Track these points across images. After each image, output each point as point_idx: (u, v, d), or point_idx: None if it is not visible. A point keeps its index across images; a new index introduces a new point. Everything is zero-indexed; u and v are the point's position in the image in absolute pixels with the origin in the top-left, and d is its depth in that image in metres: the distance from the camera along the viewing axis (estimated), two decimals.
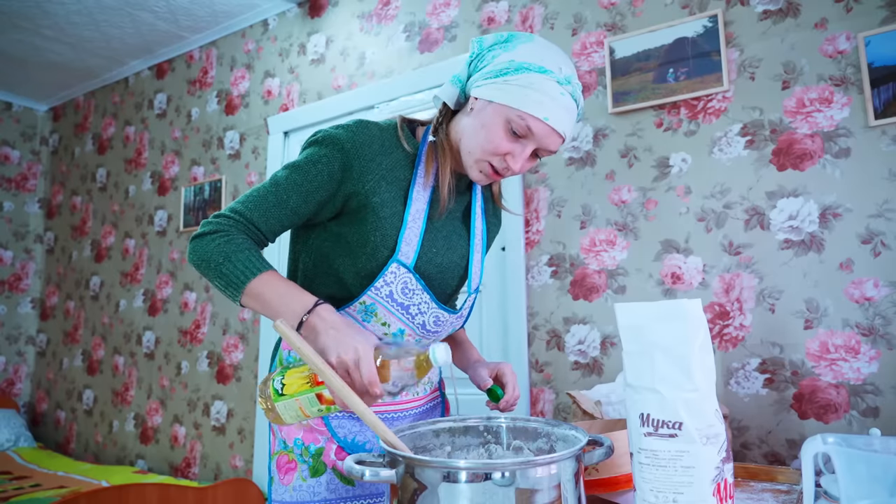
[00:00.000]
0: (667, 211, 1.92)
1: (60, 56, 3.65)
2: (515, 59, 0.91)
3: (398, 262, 0.96)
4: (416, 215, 0.99)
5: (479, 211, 1.12)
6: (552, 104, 0.90)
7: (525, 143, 0.93)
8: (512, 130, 0.92)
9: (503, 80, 0.91)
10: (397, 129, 1.02)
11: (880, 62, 1.62)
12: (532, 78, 0.90)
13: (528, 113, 0.90)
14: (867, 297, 1.59)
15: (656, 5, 1.99)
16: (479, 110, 0.95)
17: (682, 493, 0.71)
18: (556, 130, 0.92)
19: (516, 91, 0.90)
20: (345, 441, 1.02)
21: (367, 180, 0.96)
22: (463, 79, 0.99)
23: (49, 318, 4.19)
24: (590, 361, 2.00)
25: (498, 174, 0.97)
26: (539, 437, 0.89)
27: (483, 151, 0.95)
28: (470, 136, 0.96)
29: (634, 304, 0.77)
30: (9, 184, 4.24)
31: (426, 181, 1.00)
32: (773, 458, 1.67)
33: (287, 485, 1.01)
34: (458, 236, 1.08)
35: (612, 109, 2.02)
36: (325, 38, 2.89)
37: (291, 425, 1.01)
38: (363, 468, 0.73)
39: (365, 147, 0.96)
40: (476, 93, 0.95)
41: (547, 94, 0.90)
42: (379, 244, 0.96)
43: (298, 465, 1.01)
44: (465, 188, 1.09)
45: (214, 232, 0.91)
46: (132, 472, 3.04)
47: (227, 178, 3.19)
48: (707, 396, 0.73)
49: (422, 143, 1.03)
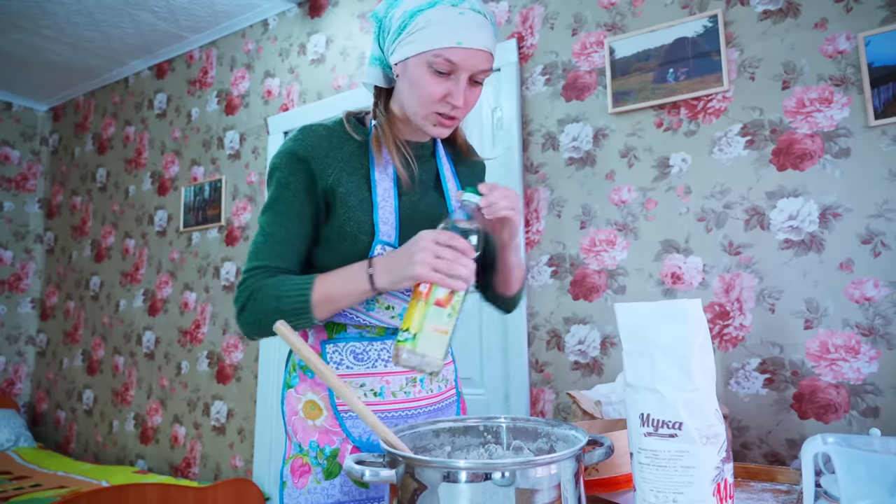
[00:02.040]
0: (667, 211, 1.92)
1: (60, 56, 3.65)
2: (407, 9, 0.92)
3: (381, 242, 0.97)
4: (384, 195, 1.00)
5: (450, 173, 1.12)
6: (457, 28, 0.90)
7: (456, 77, 0.93)
8: (437, 72, 0.92)
9: (407, 34, 0.92)
10: (343, 124, 1.04)
11: (880, 62, 1.62)
12: (428, 15, 0.90)
13: (439, 47, 0.90)
14: (867, 297, 1.60)
15: (656, 5, 1.99)
16: (403, 72, 0.96)
17: (682, 493, 0.71)
18: (473, 48, 0.91)
19: (420, 35, 0.91)
20: (360, 441, 1.01)
21: (328, 175, 0.98)
22: (379, 55, 1.01)
23: (49, 318, 4.19)
24: (590, 361, 2.00)
25: (451, 119, 0.97)
26: (539, 437, 0.89)
27: (423, 105, 0.95)
28: (407, 99, 0.97)
29: (634, 304, 0.77)
30: (9, 184, 4.24)
31: (382, 162, 1.01)
32: (773, 458, 1.67)
33: (301, 488, 1.00)
34: (436, 202, 1.08)
35: (612, 109, 2.02)
36: (325, 38, 2.89)
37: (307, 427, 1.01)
38: (363, 468, 0.73)
39: (315, 147, 0.98)
40: (393, 59, 0.96)
41: (447, 22, 0.90)
42: (357, 232, 0.98)
43: (312, 469, 1.01)
44: (429, 155, 1.09)
45: (249, 296, 0.94)
46: (132, 472, 3.04)
47: (227, 178, 3.19)
48: (707, 396, 0.73)
49: (370, 129, 1.04)
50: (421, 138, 1.06)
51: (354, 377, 1.02)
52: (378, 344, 1.03)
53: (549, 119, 2.18)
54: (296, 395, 1.05)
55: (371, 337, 1.03)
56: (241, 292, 0.96)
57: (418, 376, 1.05)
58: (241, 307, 0.95)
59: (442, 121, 0.97)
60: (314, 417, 1.03)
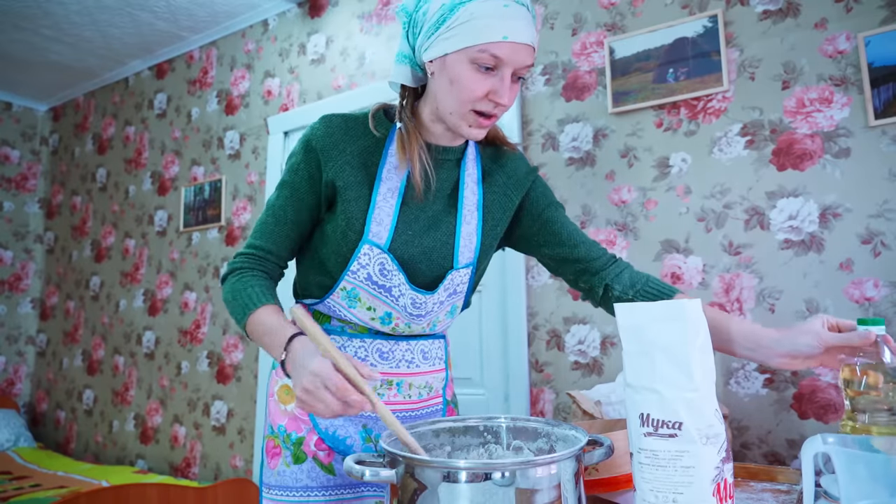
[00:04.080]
0: (667, 211, 1.92)
1: (60, 56, 3.65)
2: (445, 2, 0.86)
3: (369, 242, 0.95)
4: (385, 195, 0.97)
5: (472, 182, 1.04)
6: (502, 21, 0.84)
7: (500, 72, 0.87)
8: (480, 68, 0.86)
9: (446, 28, 0.86)
10: (367, 117, 0.99)
11: (880, 62, 1.62)
12: (470, 8, 0.85)
13: (485, 42, 0.84)
14: (867, 297, 1.59)
15: (656, 5, 1.99)
16: (440, 70, 0.90)
17: (682, 493, 0.71)
18: (520, 43, 0.86)
19: (463, 29, 0.85)
20: (325, 433, 1.02)
21: (330, 167, 0.96)
22: (408, 53, 0.95)
23: (49, 318, 4.19)
24: (590, 361, 2.00)
25: (489, 117, 0.92)
26: (539, 437, 0.89)
27: (463, 103, 0.89)
28: (444, 97, 0.91)
29: (634, 305, 0.77)
30: (9, 184, 4.24)
31: (399, 164, 0.97)
32: (773, 458, 1.67)
33: (273, 469, 1.03)
34: (446, 213, 1.02)
35: (612, 109, 2.02)
36: (325, 38, 2.89)
37: (278, 411, 1.05)
38: (363, 468, 0.73)
39: (327, 137, 0.97)
40: (428, 56, 0.90)
41: (492, 14, 0.84)
42: (347, 227, 0.96)
43: (283, 451, 1.02)
44: (454, 162, 1.03)
45: (230, 272, 1.01)
46: (132, 472, 3.04)
47: (227, 178, 3.19)
48: (707, 396, 0.73)
49: (393, 126, 0.99)
50: (450, 142, 1.01)
51: None
52: (357, 341, 1.03)
53: (549, 119, 2.18)
54: (275, 375, 1.08)
55: (352, 333, 1.03)
56: (230, 264, 1.01)
57: (394, 379, 1.04)
58: (223, 277, 1.02)
59: (480, 120, 0.92)
60: (286, 402, 1.05)
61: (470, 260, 1.04)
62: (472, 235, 1.04)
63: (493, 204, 1.07)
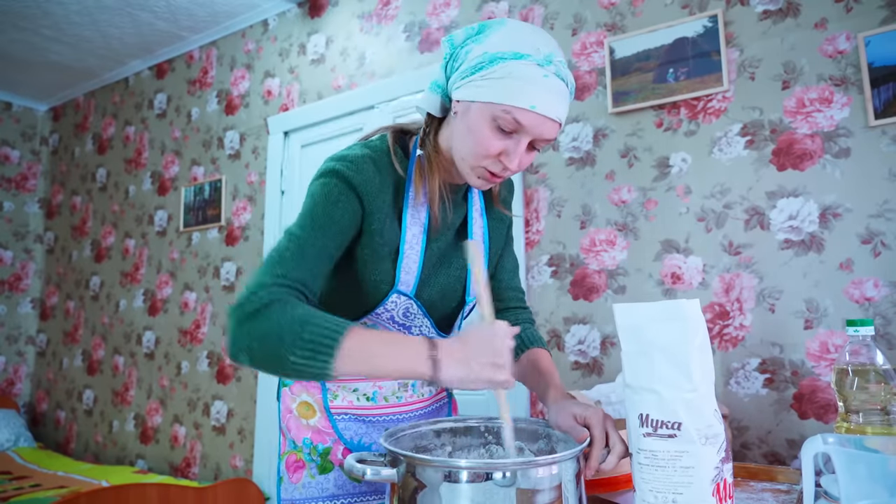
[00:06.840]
0: (667, 211, 1.92)
1: (60, 56, 3.65)
2: (489, 51, 0.83)
3: (398, 291, 0.94)
4: (412, 241, 0.94)
5: (479, 216, 1.06)
6: (536, 90, 0.81)
7: (518, 138, 0.85)
8: (500, 128, 0.84)
9: (480, 76, 0.83)
10: (390, 155, 0.95)
11: (880, 62, 1.62)
12: (509, 67, 0.81)
13: (511, 105, 0.81)
14: (867, 297, 1.60)
15: (656, 5, 1.99)
16: (463, 113, 0.87)
17: (682, 494, 0.71)
18: (546, 117, 0.83)
19: (495, 85, 0.82)
20: (351, 442, 1.02)
21: (374, 218, 0.91)
22: (442, 83, 0.92)
23: (49, 318, 4.19)
24: (590, 361, 2.00)
25: (497, 176, 0.89)
26: (540, 438, 0.89)
27: (475, 156, 0.87)
28: (460, 143, 0.89)
29: (633, 305, 0.77)
30: (9, 184, 4.24)
31: (418, 200, 0.94)
32: (773, 458, 1.67)
33: (296, 482, 1.02)
34: (455, 248, 1.03)
35: (612, 109, 2.02)
36: (325, 38, 2.89)
37: (301, 426, 1.03)
38: (364, 467, 0.73)
39: (368, 184, 0.90)
40: (457, 95, 0.88)
41: (528, 80, 0.81)
42: (378, 280, 0.93)
43: (307, 464, 1.02)
44: (461, 198, 1.03)
45: (271, 303, 0.77)
46: (132, 472, 3.04)
47: (227, 178, 3.20)
48: (706, 397, 0.73)
49: (410, 161, 0.96)
50: (459, 181, 0.99)
51: (347, 382, 1.03)
52: None
53: None
54: (290, 394, 1.07)
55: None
56: (260, 296, 0.78)
57: (410, 382, 1.05)
58: (250, 313, 0.77)
59: (489, 176, 0.89)
60: (308, 417, 1.04)
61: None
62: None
63: (494, 230, 1.11)
